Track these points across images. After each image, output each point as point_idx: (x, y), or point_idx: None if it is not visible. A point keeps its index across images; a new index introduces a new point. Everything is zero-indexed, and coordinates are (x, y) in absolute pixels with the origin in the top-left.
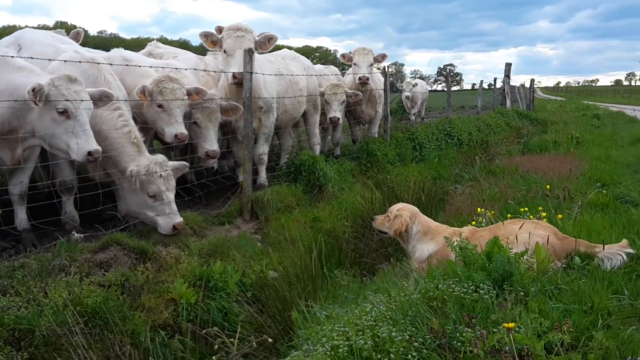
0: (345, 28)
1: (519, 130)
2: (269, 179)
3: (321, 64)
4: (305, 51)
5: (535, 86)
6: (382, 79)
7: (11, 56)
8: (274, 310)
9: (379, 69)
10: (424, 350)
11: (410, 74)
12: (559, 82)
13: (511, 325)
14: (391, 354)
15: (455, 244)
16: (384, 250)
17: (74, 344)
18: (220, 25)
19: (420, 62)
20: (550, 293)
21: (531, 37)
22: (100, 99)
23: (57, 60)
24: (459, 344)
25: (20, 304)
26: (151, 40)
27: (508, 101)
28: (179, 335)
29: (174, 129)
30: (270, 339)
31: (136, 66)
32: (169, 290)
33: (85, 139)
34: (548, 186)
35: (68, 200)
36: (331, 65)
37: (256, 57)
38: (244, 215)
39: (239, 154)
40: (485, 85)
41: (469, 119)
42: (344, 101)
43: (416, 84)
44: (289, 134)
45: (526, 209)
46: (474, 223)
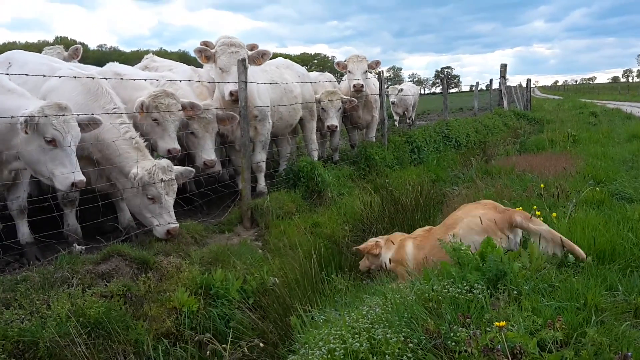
0: (342, 34)
1: (516, 130)
2: (268, 186)
3: (319, 70)
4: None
5: (533, 86)
6: (378, 84)
7: (5, 73)
8: (274, 316)
9: (377, 74)
10: (420, 351)
11: (409, 78)
12: (557, 81)
13: (502, 323)
14: (387, 356)
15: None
16: None
17: (77, 355)
18: (206, 41)
19: (417, 66)
20: (544, 291)
21: (527, 38)
22: (88, 125)
23: (56, 77)
24: (454, 344)
25: (24, 316)
26: (150, 52)
27: (505, 102)
28: (181, 343)
29: (167, 144)
30: (262, 344)
31: (130, 79)
32: (171, 299)
33: (71, 168)
34: (542, 185)
35: (70, 212)
36: (326, 72)
37: (250, 67)
38: (244, 223)
39: (238, 162)
40: (482, 87)
41: (467, 120)
42: (340, 108)
43: (402, 89)
44: (287, 140)
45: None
46: None
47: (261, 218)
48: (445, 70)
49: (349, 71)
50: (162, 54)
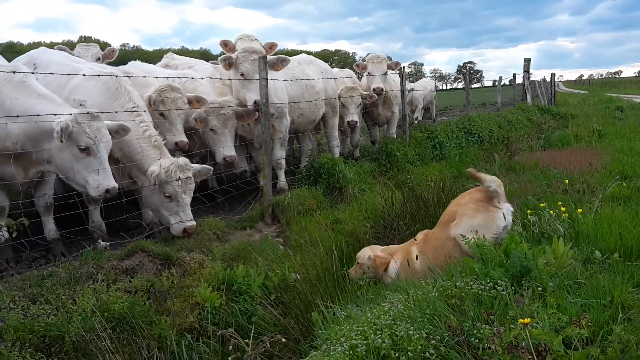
0: (362, 31)
1: (540, 126)
2: (289, 182)
3: (340, 67)
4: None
5: (557, 80)
6: (398, 80)
7: (31, 72)
8: (296, 312)
9: (399, 69)
10: (442, 348)
11: (430, 73)
12: (582, 75)
13: (527, 320)
14: (409, 352)
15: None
16: None
17: (102, 349)
18: (225, 40)
19: (439, 61)
20: (569, 288)
21: (551, 31)
22: (118, 132)
23: (79, 76)
24: (477, 341)
25: (50, 311)
26: (170, 51)
27: (529, 96)
28: (204, 338)
29: (174, 137)
30: (284, 339)
31: (138, 77)
32: (194, 295)
33: (104, 176)
34: (567, 181)
35: (95, 209)
36: (346, 69)
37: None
38: (265, 219)
39: (259, 159)
40: (505, 82)
41: (489, 115)
42: (361, 103)
43: (412, 88)
44: (309, 137)
45: (546, 204)
46: None
47: (282, 214)
48: (468, 65)
49: (369, 72)
50: (184, 52)
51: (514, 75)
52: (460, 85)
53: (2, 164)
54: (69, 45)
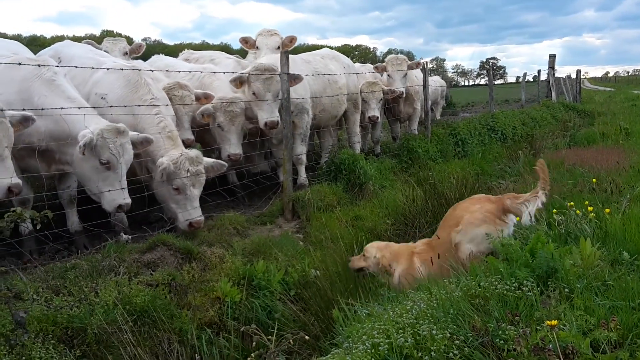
0: (383, 25)
1: (565, 123)
2: (309, 178)
3: (361, 62)
4: (345, 50)
5: (582, 77)
6: (420, 76)
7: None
8: (316, 309)
9: (422, 65)
10: (466, 349)
11: (452, 69)
12: (608, 72)
13: (554, 322)
14: (432, 352)
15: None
16: None
17: (124, 342)
18: (245, 36)
19: (461, 57)
20: (597, 289)
21: (576, 27)
22: (142, 144)
23: (102, 70)
24: (502, 342)
25: (73, 303)
26: (193, 46)
27: (553, 93)
28: (224, 333)
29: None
30: (307, 337)
31: (148, 71)
32: (214, 289)
33: (120, 191)
34: (594, 180)
35: None
36: (368, 64)
37: (291, 58)
38: (285, 215)
39: (279, 155)
40: (529, 78)
41: (513, 112)
42: (382, 99)
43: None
44: (330, 133)
45: (572, 203)
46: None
47: (302, 210)
48: (491, 61)
49: (389, 75)
50: (204, 46)
51: (539, 71)
52: (483, 81)
53: (27, 157)
54: (92, 39)
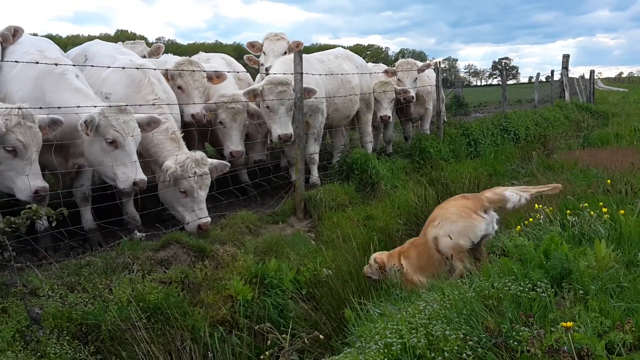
0: (396, 25)
1: (578, 124)
2: (321, 177)
3: (373, 62)
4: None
5: (595, 77)
6: (432, 76)
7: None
8: (328, 308)
9: (435, 65)
10: (479, 349)
11: (464, 69)
12: (621, 73)
13: (569, 324)
14: (445, 353)
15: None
16: None
17: (137, 339)
18: (252, 41)
19: (474, 57)
20: (612, 291)
21: (590, 27)
22: (149, 125)
23: (110, 68)
24: (516, 343)
25: (87, 300)
26: (206, 45)
27: (567, 94)
28: (236, 331)
29: (191, 108)
30: (322, 336)
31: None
32: (227, 287)
33: (132, 168)
34: (609, 181)
35: (128, 201)
36: (380, 63)
37: (305, 58)
38: (297, 214)
39: (291, 154)
40: (542, 78)
41: (526, 113)
42: (394, 99)
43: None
44: (342, 132)
45: (586, 204)
46: (531, 220)
47: (314, 209)
48: (503, 61)
49: (399, 79)
50: (217, 46)
51: (552, 71)
52: (495, 81)
53: (45, 154)
54: (107, 39)
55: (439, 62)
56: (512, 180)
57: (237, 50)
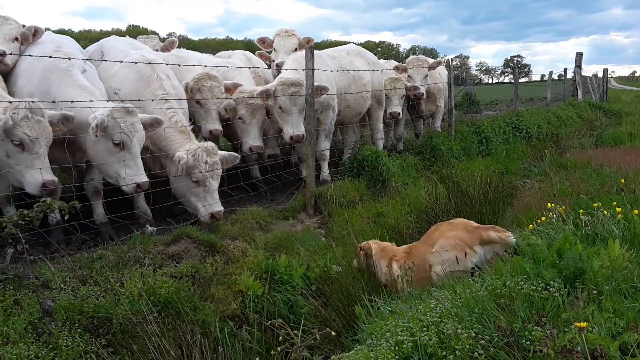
0: (407, 22)
1: (591, 123)
2: (332, 174)
3: (384, 58)
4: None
5: (609, 76)
6: (443, 73)
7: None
8: (338, 304)
9: (446, 62)
10: (491, 348)
11: (476, 67)
12: (635, 71)
13: (583, 324)
14: (457, 351)
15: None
16: None
17: (148, 332)
18: (263, 37)
19: (486, 54)
20: (625, 292)
21: (604, 25)
22: (152, 125)
23: (120, 63)
24: (528, 342)
25: (99, 293)
26: (217, 40)
27: (580, 92)
28: (246, 326)
29: (209, 125)
30: (333, 333)
31: (163, 64)
32: (237, 282)
33: (136, 170)
34: (623, 180)
35: (139, 195)
36: (392, 60)
37: (317, 54)
38: (307, 210)
39: (302, 150)
40: (555, 76)
41: (538, 111)
42: (404, 95)
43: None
44: (353, 129)
45: (600, 204)
46: (543, 219)
47: (325, 206)
48: (515, 58)
49: (409, 76)
50: (228, 42)
51: (565, 70)
52: (507, 79)
53: (53, 148)
54: (118, 34)
55: (451, 60)
56: (525, 179)
57: (248, 46)
